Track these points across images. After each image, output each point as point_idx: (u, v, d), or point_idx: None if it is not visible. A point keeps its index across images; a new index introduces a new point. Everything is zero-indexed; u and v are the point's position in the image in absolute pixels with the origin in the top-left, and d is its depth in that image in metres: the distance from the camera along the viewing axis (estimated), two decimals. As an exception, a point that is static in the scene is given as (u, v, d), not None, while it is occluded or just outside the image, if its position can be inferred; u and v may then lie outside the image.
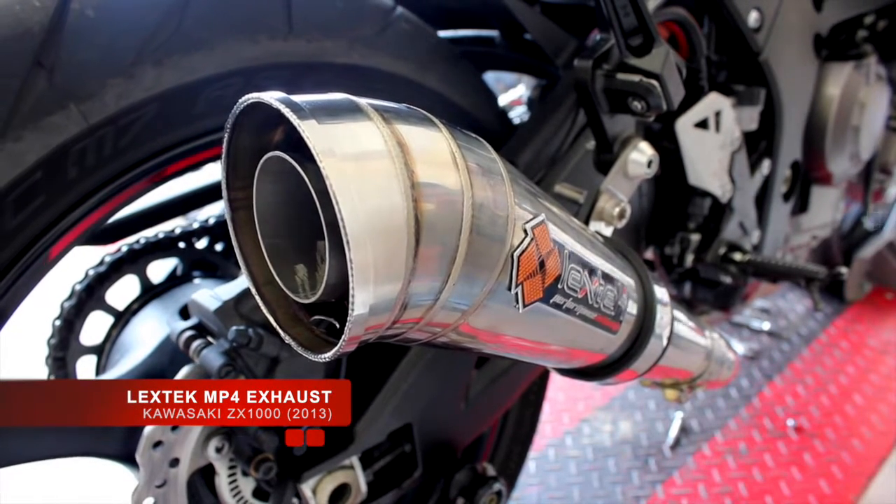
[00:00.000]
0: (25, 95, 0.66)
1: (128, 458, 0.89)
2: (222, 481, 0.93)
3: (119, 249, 1.16)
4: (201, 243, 1.24)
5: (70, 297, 1.14)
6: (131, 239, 1.17)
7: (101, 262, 1.15)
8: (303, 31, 0.83)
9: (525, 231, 0.57)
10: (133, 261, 1.17)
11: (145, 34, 0.73)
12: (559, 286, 0.62)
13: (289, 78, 0.84)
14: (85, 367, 1.16)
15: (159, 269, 1.22)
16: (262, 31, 0.81)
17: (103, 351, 1.14)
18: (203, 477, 0.95)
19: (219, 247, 1.24)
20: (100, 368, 1.14)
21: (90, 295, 1.14)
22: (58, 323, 1.13)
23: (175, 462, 0.87)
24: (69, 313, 1.13)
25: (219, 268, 1.23)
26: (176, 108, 0.77)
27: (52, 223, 0.72)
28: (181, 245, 1.22)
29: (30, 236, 0.71)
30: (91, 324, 1.16)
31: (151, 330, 1.10)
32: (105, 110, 0.71)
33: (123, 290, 1.17)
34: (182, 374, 0.87)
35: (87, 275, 1.15)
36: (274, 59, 0.82)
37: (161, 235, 1.20)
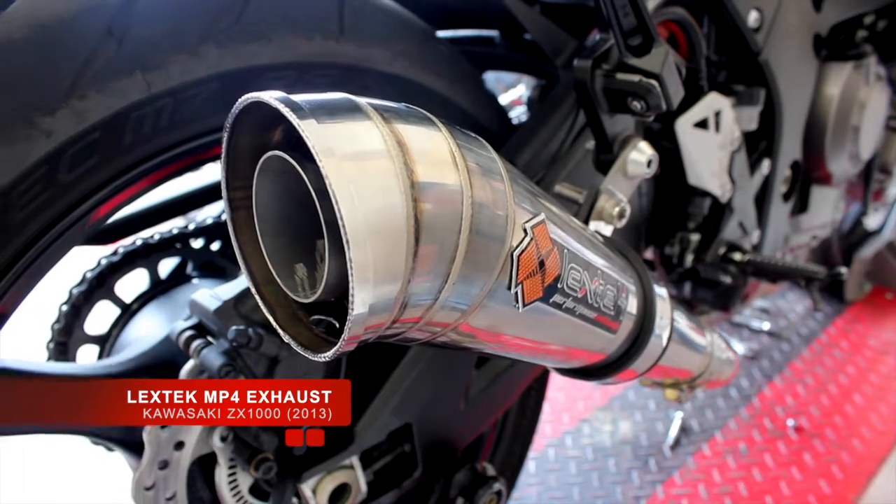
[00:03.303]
0: (94, 59, 0.70)
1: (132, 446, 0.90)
2: (222, 473, 0.93)
3: (134, 242, 1.18)
4: (215, 245, 1.25)
5: (80, 284, 1.14)
6: (146, 233, 1.19)
7: (115, 253, 1.16)
8: (353, 36, 0.89)
9: (525, 230, 0.57)
10: (146, 255, 1.18)
11: (211, 17, 0.78)
12: (559, 286, 0.62)
13: (338, 78, 0.89)
14: (86, 357, 1.16)
15: (171, 266, 1.24)
16: (317, 31, 0.86)
17: (107, 342, 1.14)
18: (202, 473, 0.95)
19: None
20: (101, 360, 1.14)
21: (101, 283, 1.14)
22: (65, 308, 1.13)
23: (180, 445, 0.88)
24: (78, 299, 1.13)
25: (226, 271, 1.24)
26: (232, 90, 0.80)
27: (101, 185, 0.75)
28: (197, 244, 1.24)
29: (78, 195, 0.73)
30: (97, 314, 1.16)
31: (158, 325, 1.10)
32: (168, 82, 0.75)
33: (132, 285, 1.18)
34: (182, 373, 0.87)
35: (99, 263, 1.15)
36: (326, 57, 0.87)
37: (175, 231, 1.21)
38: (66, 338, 1.13)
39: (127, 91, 0.72)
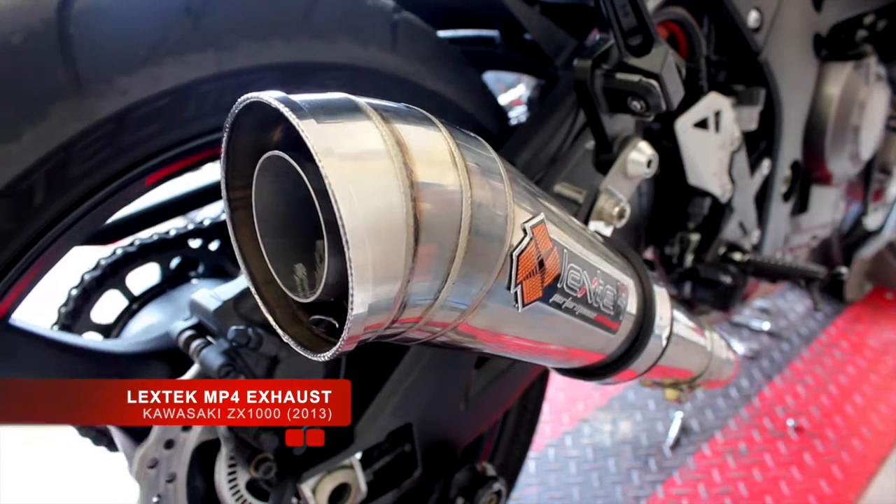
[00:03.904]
0: (171, 32, 0.76)
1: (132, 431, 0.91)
2: (222, 463, 0.93)
3: (151, 236, 1.20)
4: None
5: (94, 269, 1.15)
6: (161, 229, 1.22)
7: (132, 244, 1.18)
8: (403, 52, 0.96)
9: (524, 230, 0.57)
10: (161, 250, 1.20)
11: (282, 10, 0.84)
12: (558, 285, 0.62)
13: (385, 86, 0.95)
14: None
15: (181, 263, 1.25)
16: (373, 41, 0.93)
17: (111, 332, 1.15)
18: (199, 462, 0.95)
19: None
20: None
21: (114, 272, 1.15)
22: (75, 292, 1.13)
23: (188, 427, 0.88)
24: (90, 284, 1.14)
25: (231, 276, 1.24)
26: (291, 81, 0.86)
27: (159, 151, 0.78)
28: (213, 245, 1.25)
29: (138, 157, 0.77)
30: (105, 302, 1.16)
31: (167, 317, 1.11)
32: (237, 62, 0.81)
33: (142, 279, 1.20)
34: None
35: (114, 252, 1.16)
36: (377, 65, 0.94)
37: (191, 227, 1.22)
38: (72, 321, 1.13)
39: (199, 65, 0.78)
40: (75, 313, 1.13)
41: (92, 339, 1.12)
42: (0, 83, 0.67)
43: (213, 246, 1.26)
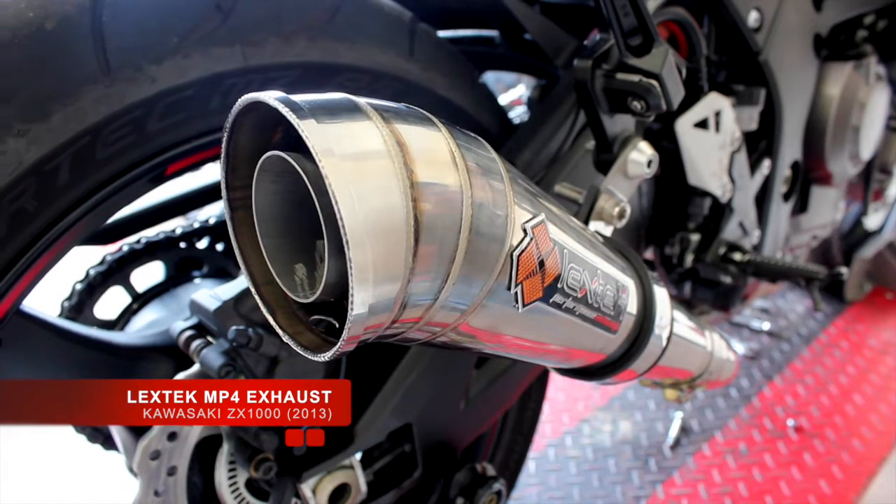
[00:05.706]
0: (201, 25, 0.78)
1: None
2: (222, 462, 0.93)
3: (158, 234, 1.21)
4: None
5: (99, 265, 1.15)
6: (167, 227, 1.23)
7: (139, 241, 1.18)
8: (419, 60, 0.99)
9: (524, 231, 0.57)
10: (167, 248, 1.20)
11: (309, 11, 0.87)
12: (559, 286, 0.62)
13: (403, 90, 0.98)
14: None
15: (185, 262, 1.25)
16: (392, 47, 0.95)
17: (114, 328, 1.15)
18: (200, 467, 0.95)
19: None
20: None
21: (119, 268, 1.16)
22: (79, 287, 1.14)
23: None
24: (95, 279, 1.14)
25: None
26: (312, 81, 0.88)
27: (181, 142, 0.80)
28: (219, 245, 1.25)
29: (162, 144, 0.78)
30: (108, 298, 1.17)
31: (167, 316, 1.11)
32: (262, 58, 0.83)
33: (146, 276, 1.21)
34: (184, 374, 0.87)
35: (121, 249, 1.17)
36: (395, 71, 0.96)
37: (196, 225, 1.23)
38: (75, 316, 1.13)
39: (226, 58, 0.80)
40: (79, 307, 1.13)
41: (99, 331, 1.12)
42: (32, 66, 0.68)
43: (220, 246, 1.26)
